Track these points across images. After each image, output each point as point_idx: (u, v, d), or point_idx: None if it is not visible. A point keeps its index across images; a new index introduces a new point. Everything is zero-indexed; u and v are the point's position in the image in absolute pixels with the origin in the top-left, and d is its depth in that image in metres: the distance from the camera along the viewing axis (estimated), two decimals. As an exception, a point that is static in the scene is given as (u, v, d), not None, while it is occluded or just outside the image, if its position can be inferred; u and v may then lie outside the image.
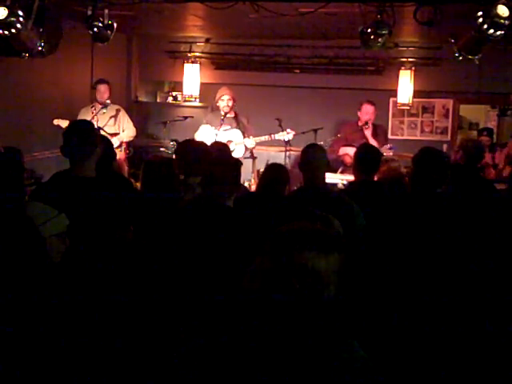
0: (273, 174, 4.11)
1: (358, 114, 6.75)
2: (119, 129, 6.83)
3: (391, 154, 6.11)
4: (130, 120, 6.94)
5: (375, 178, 4.31)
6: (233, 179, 3.25)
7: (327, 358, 1.50)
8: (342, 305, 1.76)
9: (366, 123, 6.62)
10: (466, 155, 4.09)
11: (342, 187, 5.92)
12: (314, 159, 3.62)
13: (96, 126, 6.19)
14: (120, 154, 6.55)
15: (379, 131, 6.79)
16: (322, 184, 3.65)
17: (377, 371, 1.53)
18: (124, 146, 6.81)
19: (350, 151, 6.26)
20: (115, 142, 6.52)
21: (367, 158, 4.13)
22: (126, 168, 5.32)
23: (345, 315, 1.87)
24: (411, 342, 2.91)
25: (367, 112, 6.66)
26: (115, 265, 2.90)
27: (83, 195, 3.01)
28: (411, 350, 2.87)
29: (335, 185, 6.18)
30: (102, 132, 6.23)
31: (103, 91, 6.70)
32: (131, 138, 6.94)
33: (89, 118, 6.17)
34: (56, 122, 6.28)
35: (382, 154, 4.51)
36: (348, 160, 6.49)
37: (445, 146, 7.72)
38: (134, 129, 6.97)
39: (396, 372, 2.59)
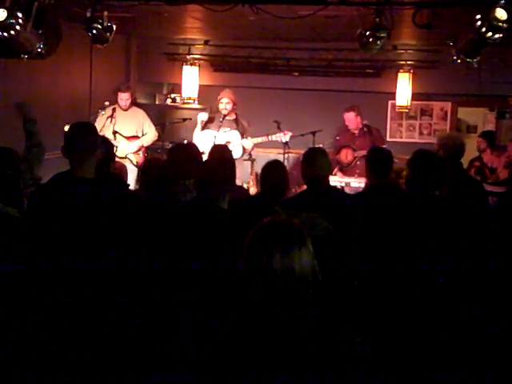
0: (274, 173, 4.09)
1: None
2: (139, 131, 6.87)
3: None
4: (151, 124, 6.97)
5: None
6: (226, 180, 3.25)
7: (327, 346, 1.51)
8: (332, 297, 1.76)
9: (364, 126, 6.69)
10: (445, 153, 4.09)
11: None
12: (317, 162, 3.64)
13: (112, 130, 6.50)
14: (138, 158, 6.59)
15: (374, 131, 6.89)
16: (326, 186, 3.66)
17: (376, 357, 1.54)
18: (143, 149, 6.84)
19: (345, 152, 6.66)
20: (134, 146, 6.69)
21: (380, 161, 4.09)
22: (126, 170, 5.33)
23: (338, 307, 1.88)
24: (409, 341, 2.92)
25: (348, 119, 6.75)
26: (114, 266, 2.90)
27: (82, 196, 3.01)
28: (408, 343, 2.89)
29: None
30: (119, 135, 6.49)
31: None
32: (150, 142, 6.96)
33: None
34: (67, 128, 6.33)
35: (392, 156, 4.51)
36: (344, 160, 6.61)
37: (443, 149, 7.74)
38: (156, 133, 6.98)
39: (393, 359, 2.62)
